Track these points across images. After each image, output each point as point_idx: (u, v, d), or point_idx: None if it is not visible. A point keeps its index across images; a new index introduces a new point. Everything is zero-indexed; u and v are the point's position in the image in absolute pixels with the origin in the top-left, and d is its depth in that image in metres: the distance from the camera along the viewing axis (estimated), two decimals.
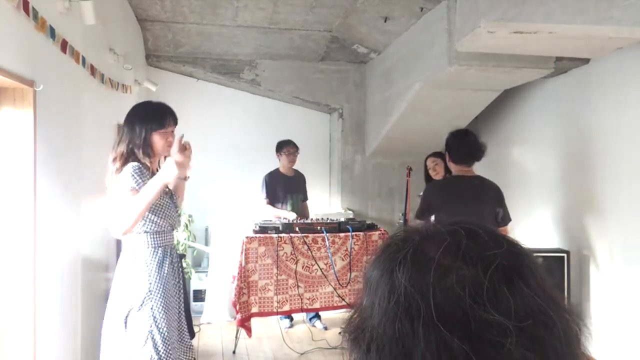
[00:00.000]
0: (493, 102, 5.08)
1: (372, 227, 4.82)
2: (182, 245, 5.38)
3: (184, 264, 5.02)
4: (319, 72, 5.98)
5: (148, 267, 2.45)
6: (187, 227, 5.45)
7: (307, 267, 4.47)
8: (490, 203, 3.46)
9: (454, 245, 0.59)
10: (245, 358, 4.32)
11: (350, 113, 6.06)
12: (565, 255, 4.32)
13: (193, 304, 5.30)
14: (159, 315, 2.42)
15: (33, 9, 2.32)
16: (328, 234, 4.51)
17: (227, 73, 5.79)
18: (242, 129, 6.05)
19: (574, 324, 0.59)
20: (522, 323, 0.54)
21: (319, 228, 4.55)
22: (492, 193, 3.51)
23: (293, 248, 4.42)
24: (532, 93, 5.15)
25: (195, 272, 5.52)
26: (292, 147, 5.15)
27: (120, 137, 2.55)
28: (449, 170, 3.80)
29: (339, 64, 5.98)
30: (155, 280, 2.44)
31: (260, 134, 6.07)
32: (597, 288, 4.22)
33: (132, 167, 2.42)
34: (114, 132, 4.06)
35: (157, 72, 5.72)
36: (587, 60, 4.30)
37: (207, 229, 5.91)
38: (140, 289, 2.43)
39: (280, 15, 4.74)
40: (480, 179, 3.57)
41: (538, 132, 5.13)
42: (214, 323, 5.15)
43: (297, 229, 4.47)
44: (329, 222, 4.70)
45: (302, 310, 4.63)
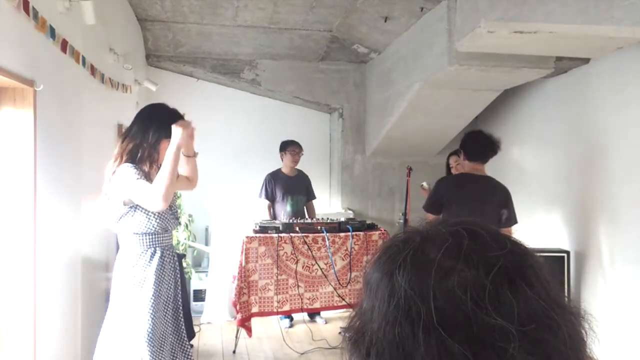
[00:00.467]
0: (493, 102, 5.08)
1: (372, 227, 4.82)
2: (182, 245, 5.38)
3: (184, 264, 5.03)
4: (319, 72, 5.98)
5: (138, 269, 2.45)
6: (187, 226, 5.45)
7: (307, 267, 4.47)
8: (496, 203, 3.52)
9: (456, 247, 0.57)
10: (246, 358, 4.31)
11: (351, 113, 6.06)
12: (566, 255, 4.33)
13: (193, 304, 5.30)
14: (147, 317, 2.42)
15: (33, 9, 2.32)
16: (328, 234, 4.50)
17: (227, 73, 5.79)
18: (242, 129, 6.06)
19: (580, 327, 0.57)
20: (525, 327, 0.52)
21: (319, 228, 4.55)
22: (498, 194, 3.56)
23: (293, 248, 4.42)
24: (532, 93, 5.15)
25: (196, 272, 5.52)
26: (296, 147, 5.16)
27: (129, 134, 2.53)
28: None
29: (339, 64, 5.98)
30: (144, 281, 2.44)
31: (261, 134, 6.07)
32: (597, 288, 4.22)
33: (127, 165, 2.43)
34: (114, 131, 4.06)
35: (157, 72, 5.72)
36: (587, 60, 4.30)
37: (207, 229, 5.91)
38: (128, 290, 2.43)
39: (281, 15, 4.74)
40: (489, 179, 3.66)
41: (538, 132, 5.13)
42: (214, 323, 5.14)
43: (297, 229, 4.47)
44: (329, 222, 4.70)
45: (302, 310, 4.63)
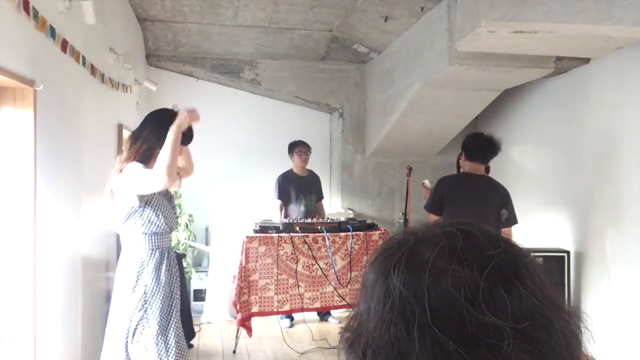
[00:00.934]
0: (493, 101, 5.08)
1: (372, 226, 4.82)
2: (182, 245, 5.38)
3: (184, 264, 5.03)
4: (319, 71, 5.98)
5: (145, 269, 2.45)
6: (187, 226, 5.45)
7: (307, 266, 4.47)
8: (496, 203, 3.55)
9: (450, 247, 0.58)
10: (246, 358, 4.32)
11: (351, 113, 6.06)
12: (566, 255, 4.33)
13: (193, 304, 5.30)
14: (153, 319, 2.43)
15: (33, 9, 2.32)
16: (328, 234, 4.51)
17: (227, 73, 5.79)
18: (242, 129, 6.06)
19: (574, 326, 0.57)
20: (519, 325, 0.53)
21: (319, 228, 4.55)
22: (498, 194, 3.60)
23: (293, 247, 4.42)
24: (532, 93, 5.15)
25: (196, 271, 5.52)
26: (303, 147, 5.20)
27: (141, 135, 2.56)
28: (487, 170, 3.93)
29: (339, 64, 5.98)
30: (152, 284, 2.45)
31: (261, 134, 6.07)
32: (597, 288, 4.21)
33: (135, 163, 2.48)
34: (114, 131, 4.06)
35: (157, 71, 5.72)
36: (587, 60, 4.30)
37: (207, 229, 5.91)
38: (137, 291, 2.43)
39: (281, 15, 4.74)
40: (488, 179, 3.72)
41: (538, 131, 5.13)
42: (214, 323, 5.15)
43: (297, 229, 4.47)
44: (329, 221, 4.70)
45: (302, 310, 4.63)
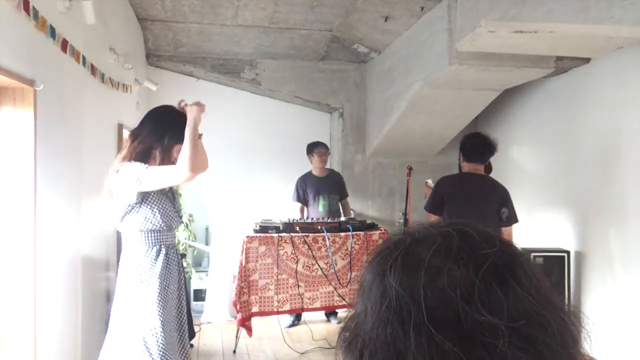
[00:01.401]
0: (493, 101, 5.08)
1: (372, 226, 4.82)
2: (182, 245, 5.38)
3: (184, 264, 5.03)
4: (320, 71, 5.98)
5: (140, 266, 2.45)
6: (187, 226, 5.45)
7: (307, 266, 4.47)
8: (495, 202, 3.57)
9: (445, 247, 0.58)
10: (246, 357, 4.32)
11: (351, 112, 6.06)
12: (566, 255, 4.33)
13: (193, 304, 5.30)
14: (153, 317, 2.42)
15: (33, 9, 2.32)
16: (328, 234, 4.51)
17: (227, 72, 5.79)
18: (242, 129, 6.06)
19: (570, 324, 0.58)
20: (514, 323, 0.53)
21: (320, 227, 4.55)
22: (497, 193, 3.61)
23: (293, 247, 4.42)
24: (532, 93, 5.15)
25: (196, 271, 5.53)
26: (322, 147, 5.24)
27: (140, 134, 2.54)
28: (489, 169, 3.95)
29: (340, 64, 5.98)
30: (150, 279, 2.44)
31: (261, 133, 6.07)
32: (597, 287, 4.21)
33: (133, 162, 2.44)
34: (114, 131, 4.06)
35: (157, 71, 5.72)
36: (587, 60, 4.30)
37: (207, 229, 5.91)
38: (134, 289, 2.43)
39: (281, 15, 4.74)
40: (488, 179, 3.74)
41: (538, 131, 5.13)
42: (215, 322, 5.15)
43: (297, 229, 4.47)
44: (330, 221, 4.70)
45: (302, 310, 4.63)
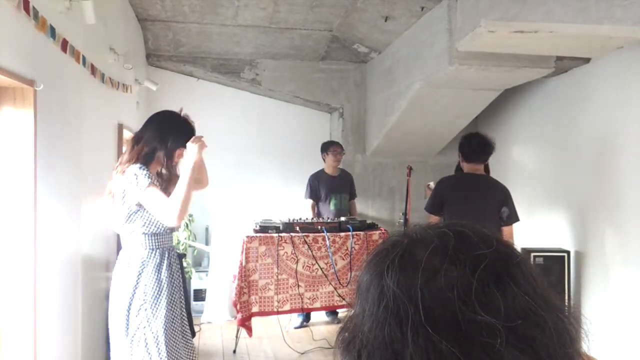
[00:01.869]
0: (493, 101, 5.08)
1: (372, 226, 4.82)
2: (182, 245, 5.38)
3: (184, 264, 5.03)
4: (320, 71, 5.97)
5: (145, 269, 2.45)
6: (187, 226, 5.45)
7: (307, 266, 4.47)
8: (495, 202, 3.58)
9: (442, 248, 0.59)
10: (246, 357, 4.32)
11: (351, 112, 6.06)
12: (566, 255, 4.32)
13: (193, 304, 5.30)
14: (154, 319, 2.42)
15: (33, 9, 2.32)
16: (328, 234, 4.51)
17: (227, 72, 5.79)
18: (242, 128, 6.05)
19: (568, 324, 0.58)
20: (512, 323, 0.53)
21: (320, 227, 4.55)
22: (497, 192, 3.62)
23: (293, 247, 4.42)
24: (532, 93, 5.15)
25: (196, 271, 5.53)
26: (338, 147, 5.30)
27: (143, 138, 2.55)
28: (487, 169, 3.96)
29: (340, 64, 5.98)
30: (152, 283, 2.44)
31: (261, 133, 6.07)
32: (597, 288, 4.21)
33: (138, 167, 2.46)
34: (114, 131, 4.06)
35: (157, 71, 5.72)
36: (587, 60, 4.30)
37: (207, 229, 5.91)
38: (137, 292, 2.43)
39: (281, 15, 4.74)
40: (487, 178, 3.76)
41: (538, 131, 5.13)
42: (215, 322, 5.15)
43: (297, 229, 4.47)
44: (330, 221, 4.70)
45: (302, 310, 4.63)
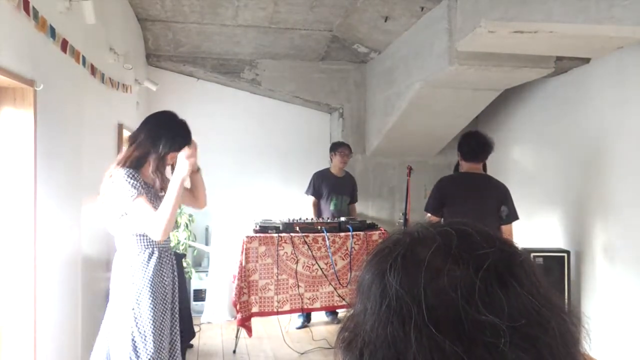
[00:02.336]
0: (493, 101, 5.08)
1: (372, 226, 4.82)
2: (182, 245, 5.38)
3: (184, 264, 5.03)
4: (320, 71, 5.97)
5: (135, 269, 2.45)
6: (187, 226, 5.45)
7: (307, 266, 4.47)
8: (495, 200, 3.57)
9: (445, 247, 0.58)
10: (246, 358, 4.32)
11: (351, 112, 6.06)
12: (566, 255, 4.32)
13: (193, 304, 5.30)
14: (143, 319, 2.42)
15: (33, 9, 2.32)
16: (328, 234, 4.51)
17: (227, 72, 5.79)
18: (242, 129, 6.05)
19: (570, 324, 0.58)
20: (515, 323, 0.53)
21: (319, 227, 4.55)
22: (496, 191, 3.61)
23: (293, 247, 4.42)
24: (532, 93, 5.15)
25: (196, 271, 5.53)
26: (346, 149, 5.30)
27: (136, 140, 2.50)
28: (484, 168, 3.93)
29: (340, 64, 5.98)
30: (142, 283, 2.44)
31: (261, 133, 6.07)
32: (597, 288, 4.21)
33: (125, 173, 2.39)
34: (114, 131, 4.06)
35: (157, 71, 5.72)
36: (587, 60, 4.30)
37: (207, 229, 5.91)
38: (128, 292, 2.43)
39: (281, 15, 4.74)
40: (487, 177, 3.74)
41: (538, 131, 5.13)
42: (214, 323, 5.15)
43: (297, 229, 4.47)
44: (329, 221, 4.70)
45: (302, 310, 4.63)
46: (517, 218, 3.63)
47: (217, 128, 5.83)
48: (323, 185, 5.25)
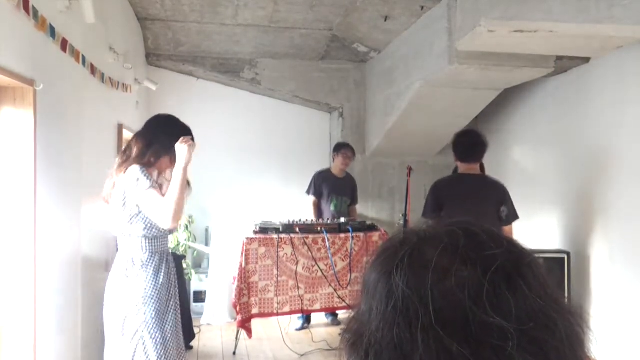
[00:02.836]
0: (493, 101, 5.07)
1: (372, 227, 4.81)
2: (182, 246, 5.37)
3: (184, 265, 5.02)
4: (320, 71, 5.97)
5: (145, 272, 2.45)
6: (187, 227, 5.44)
7: (307, 268, 4.46)
8: (494, 201, 3.49)
9: (453, 247, 0.57)
10: (246, 359, 4.31)
11: (351, 112, 6.06)
12: (566, 256, 4.32)
13: (193, 305, 5.29)
14: (152, 322, 2.42)
15: (33, 8, 2.31)
16: (328, 235, 4.50)
17: (227, 72, 5.78)
18: (242, 128, 6.05)
19: (576, 325, 0.57)
20: (523, 326, 0.52)
21: (319, 229, 4.54)
22: (495, 192, 3.54)
23: (293, 249, 4.41)
24: (532, 92, 5.15)
25: (196, 273, 5.51)
26: (349, 151, 5.28)
27: (139, 139, 2.56)
28: (482, 168, 3.86)
29: (340, 63, 5.98)
30: (151, 287, 2.45)
31: (261, 133, 6.07)
32: (597, 289, 4.21)
33: (139, 168, 2.46)
34: (114, 131, 4.06)
35: (157, 71, 5.71)
36: (587, 60, 4.30)
37: (207, 230, 5.90)
38: (136, 295, 2.43)
39: (281, 14, 4.73)
40: (484, 178, 3.68)
41: (538, 131, 5.12)
42: (214, 324, 5.14)
43: (297, 230, 4.46)
44: (329, 222, 4.69)
45: (302, 312, 4.62)
46: (517, 218, 3.57)
47: (217, 128, 5.82)
48: (324, 186, 5.24)
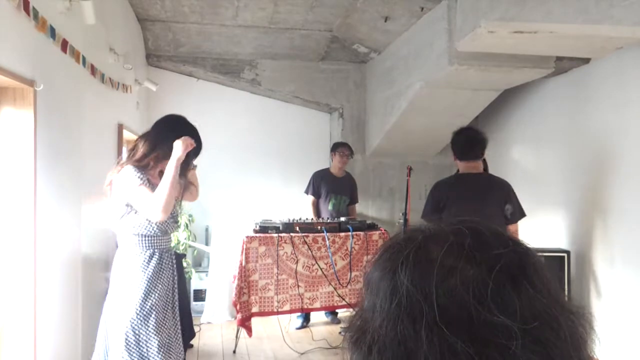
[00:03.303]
0: (493, 102, 5.08)
1: (372, 226, 4.82)
2: (182, 245, 5.38)
3: (184, 264, 5.03)
4: (320, 71, 5.98)
5: (136, 269, 2.46)
6: (187, 226, 5.45)
7: (307, 266, 4.47)
8: (498, 200, 3.40)
9: (458, 245, 0.58)
10: (246, 358, 4.32)
11: (351, 113, 6.06)
12: (566, 255, 4.32)
13: (193, 304, 5.30)
14: (144, 319, 2.43)
15: (33, 9, 2.32)
16: (328, 234, 4.50)
17: (227, 73, 5.79)
18: (242, 129, 6.06)
19: (579, 325, 0.57)
20: (527, 325, 0.52)
21: (319, 227, 4.55)
22: (499, 190, 3.45)
23: (293, 248, 4.42)
24: (532, 93, 5.15)
25: (196, 271, 5.52)
26: (346, 149, 5.27)
27: (145, 140, 2.58)
28: (485, 167, 3.76)
29: (340, 64, 5.98)
30: (142, 283, 2.45)
31: (261, 134, 6.08)
32: (597, 288, 4.21)
33: (132, 169, 2.48)
34: (114, 131, 4.06)
35: (157, 71, 5.72)
36: (587, 60, 4.30)
37: (207, 229, 5.91)
38: (127, 291, 2.44)
39: (281, 15, 4.74)
40: (486, 176, 3.58)
41: (538, 132, 5.13)
42: (215, 323, 5.15)
43: (297, 229, 4.47)
44: (329, 221, 4.70)
45: (302, 310, 4.63)
46: (523, 215, 3.48)
47: (217, 128, 5.82)
48: (322, 185, 5.25)
